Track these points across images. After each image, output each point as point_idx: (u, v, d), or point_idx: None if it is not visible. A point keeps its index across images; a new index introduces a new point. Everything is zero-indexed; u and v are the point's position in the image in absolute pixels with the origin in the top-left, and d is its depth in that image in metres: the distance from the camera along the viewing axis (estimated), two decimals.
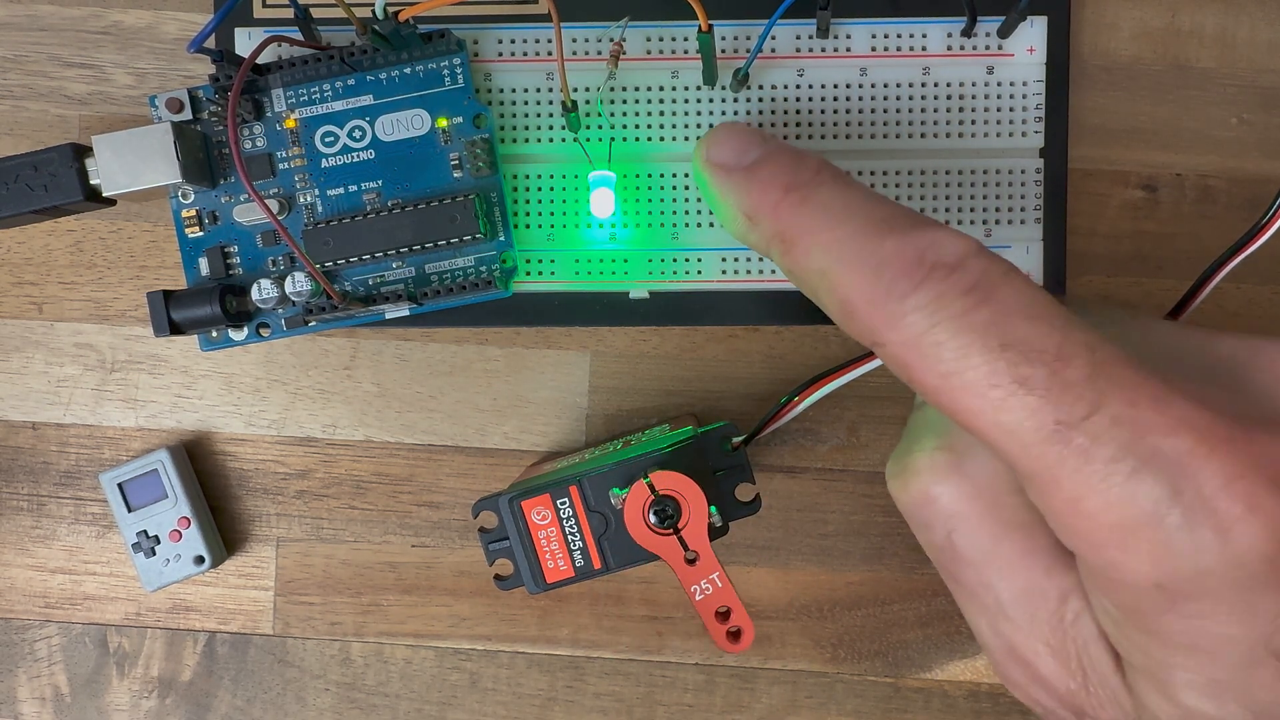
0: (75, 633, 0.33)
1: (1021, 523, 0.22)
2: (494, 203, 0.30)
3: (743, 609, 0.25)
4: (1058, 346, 0.18)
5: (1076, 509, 0.18)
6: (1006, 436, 0.18)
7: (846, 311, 0.20)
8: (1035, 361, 0.18)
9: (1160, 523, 0.17)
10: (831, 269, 0.20)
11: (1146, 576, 0.18)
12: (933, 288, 0.19)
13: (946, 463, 0.22)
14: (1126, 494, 0.17)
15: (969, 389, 0.18)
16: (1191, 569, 0.17)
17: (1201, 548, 0.17)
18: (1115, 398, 0.18)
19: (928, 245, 0.20)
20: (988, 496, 0.22)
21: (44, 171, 0.28)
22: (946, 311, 0.19)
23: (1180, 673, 0.19)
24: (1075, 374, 0.18)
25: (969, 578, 0.23)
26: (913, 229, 0.20)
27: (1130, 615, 0.19)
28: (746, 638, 0.25)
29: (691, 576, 0.25)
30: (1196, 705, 0.19)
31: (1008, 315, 0.18)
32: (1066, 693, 0.22)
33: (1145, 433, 0.18)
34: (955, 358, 0.19)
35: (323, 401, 0.33)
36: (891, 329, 0.19)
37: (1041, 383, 0.18)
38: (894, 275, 0.19)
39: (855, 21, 0.30)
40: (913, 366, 0.19)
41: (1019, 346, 0.18)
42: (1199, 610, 0.18)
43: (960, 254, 0.19)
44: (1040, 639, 0.22)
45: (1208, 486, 0.17)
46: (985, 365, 0.18)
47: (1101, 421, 0.18)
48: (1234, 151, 0.31)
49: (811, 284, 0.21)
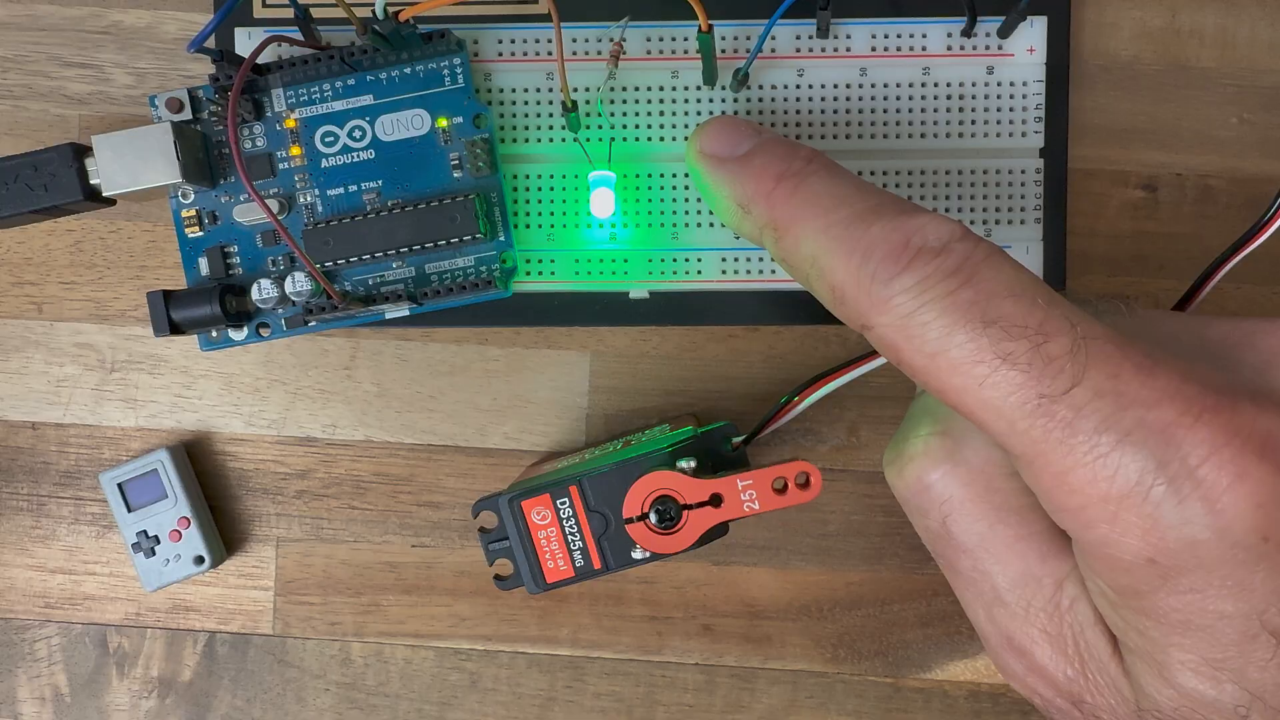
0: (75, 633, 0.33)
1: (1016, 508, 0.22)
2: (494, 203, 0.30)
3: (786, 465, 0.24)
4: (1040, 322, 0.18)
5: (1065, 484, 0.18)
6: (992, 412, 0.19)
7: (836, 296, 0.21)
8: (1018, 337, 0.18)
9: (1147, 495, 0.17)
10: (821, 255, 0.21)
11: (1138, 551, 0.18)
12: (918, 271, 0.19)
13: (941, 448, 0.22)
14: (1112, 466, 0.18)
15: (955, 367, 0.19)
16: (1181, 541, 0.17)
17: (1190, 519, 0.17)
18: (1098, 370, 0.18)
19: (914, 230, 0.20)
20: (982, 481, 0.22)
21: (44, 171, 0.28)
22: (931, 293, 0.19)
23: (1176, 652, 0.19)
24: (1057, 348, 0.18)
25: (965, 564, 0.23)
26: (899, 215, 0.20)
27: (1125, 595, 0.19)
28: (815, 480, 0.24)
29: (734, 506, 0.25)
30: (1194, 686, 0.19)
31: (991, 294, 0.19)
32: (1064, 680, 0.21)
33: (1129, 405, 0.18)
34: (940, 337, 0.19)
35: (323, 401, 0.33)
36: (879, 312, 0.20)
37: (1024, 357, 0.18)
38: (880, 259, 0.20)
39: (855, 21, 0.30)
40: (901, 348, 0.20)
41: (1002, 323, 0.19)
42: (1191, 585, 0.18)
43: (945, 238, 0.20)
44: (1037, 626, 0.22)
45: (1193, 456, 0.17)
46: (970, 343, 0.19)
47: (1084, 394, 0.18)
48: (1234, 151, 0.31)
49: (803, 271, 0.22)
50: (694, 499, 0.25)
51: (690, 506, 0.25)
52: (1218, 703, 0.19)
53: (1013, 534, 0.22)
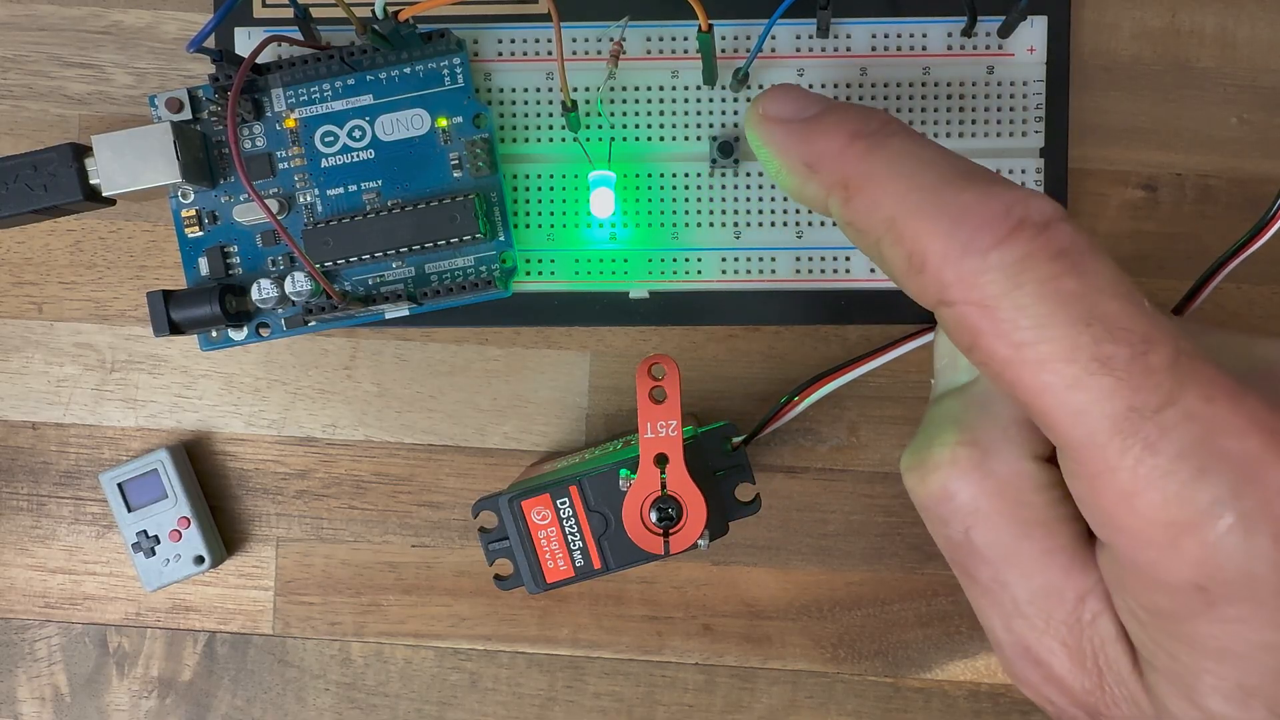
0: (75, 633, 0.33)
1: (1042, 521, 0.21)
2: (494, 203, 0.30)
3: (645, 373, 0.25)
4: (1145, 330, 0.17)
5: (1129, 503, 0.17)
6: (1072, 418, 0.17)
7: (914, 265, 0.19)
8: (1121, 341, 0.17)
9: (1214, 525, 0.17)
10: (902, 217, 0.19)
11: (1187, 578, 0.17)
12: (1019, 246, 0.17)
13: (969, 458, 0.21)
14: (1187, 494, 0.17)
15: (1043, 363, 0.17)
16: (1239, 574, 0.17)
17: (1255, 554, 0.17)
18: (1193, 391, 0.17)
19: (1014, 200, 0.18)
20: (1010, 495, 0.21)
21: (44, 171, 0.28)
22: (1032, 274, 0.17)
23: (1208, 677, 0.18)
24: (1158, 360, 0.17)
25: (985, 575, 0.22)
26: (995, 183, 0.19)
27: (1159, 616, 0.18)
28: (670, 370, 0.25)
29: (673, 462, 0.25)
30: (1221, 710, 0.18)
31: (1097, 289, 0.17)
32: (1081, 692, 0.21)
33: (1218, 433, 0.17)
34: (1034, 326, 0.17)
35: (323, 401, 0.33)
36: (966, 287, 0.18)
37: (1123, 364, 0.17)
38: (975, 228, 0.18)
39: (855, 21, 0.30)
40: (982, 331, 0.18)
41: (1105, 323, 0.17)
42: (1239, 615, 0.17)
43: (1049, 215, 0.18)
44: (1056, 638, 0.21)
45: (1271, 490, 0.16)
46: (1067, 339, 0.17)
47: (1175, 415, 0.17)
48: (1234, 151, 0.31)
49: (874, 235, 0.20)
50: (678, 490, 0.25)
51: (663, 501, 0.25)
52: None
53: (1038, 548, 0.21)
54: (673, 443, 0.25)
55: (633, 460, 0.25)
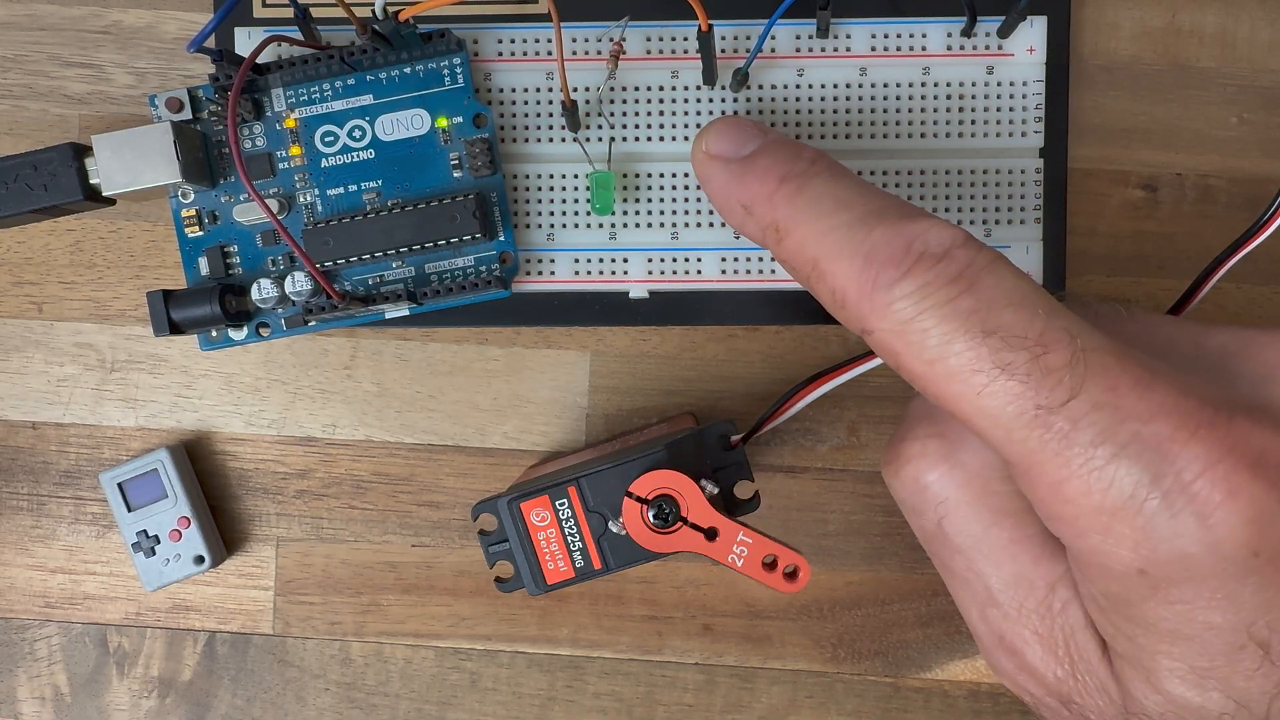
0: (75, 632, 0.33)
1: (1011, 510, 0.22)
2: (494, 202, 0.30)
3: (786, 549, 0.24)
4: (1040, 333, 0.18)
5: (1059, 494, 0.18)
6: (989, 422, 0.19)
7: (837, 300, 0.21)
8: (1017, 347, 0.18)
9: (1141, 508, 0.18)
10: (823, 258, 0.21)
11: (1129, 562, 0.18)
12: (918, 276, 0.19)
13: (938, 450, 0.22)
14: (1107, 478, 0.18)
15: (953, 375, 0.19)
16: (1173, 555, 0.18)
17: (1182, 533, 0.17)
18: (1096, 383, 0.18)
19: (915, 235, 0.20)
20: (978, 484, 0.22)
21: (44, 171, 0.28)
22: (932, 300, 0.19)
23: (1164, 660, 0.19)
24: (1056, 359, 0.18)
25: (959, 565, 0.23)
26: (901, 219, 0.20)
27: (1115, 602, 0.19)
28: (804, 573, 0.24)
29: (722, 549, 0.25)
30: (1180, 693, 0.19)
31: (991, 303, 0.19)
32: (1054, 680, 0.22)
33: (1125, 418, 0.18)
34: (939, 344, 0.19)
35: (323, 401, 0.33)
36: (879, 317, 0.20)
37: (1023, 368, 0.18)
38: (881, 264, 0.20)
39: (855, 21, 0.30)
40: (900, 354, 0.20)
41: (1001, 333, 0.19)
42: (1182, 596, 0.18)
43: (947, 244, 0.20)
44: (1028, 627, 0.22)
45: (1187, 472, 0.17)
46: (969, 351, 0.19)
47: (1081, 406, 0.18)
48: (1234, 151, 0.31)
49: (804, 273, 0.22)
50: (696, 520, 0.25)
51: (687, 522, 0.25)
52: (1203, 709, 0.19)
53: (1007, 536, 0.22)
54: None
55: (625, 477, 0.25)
